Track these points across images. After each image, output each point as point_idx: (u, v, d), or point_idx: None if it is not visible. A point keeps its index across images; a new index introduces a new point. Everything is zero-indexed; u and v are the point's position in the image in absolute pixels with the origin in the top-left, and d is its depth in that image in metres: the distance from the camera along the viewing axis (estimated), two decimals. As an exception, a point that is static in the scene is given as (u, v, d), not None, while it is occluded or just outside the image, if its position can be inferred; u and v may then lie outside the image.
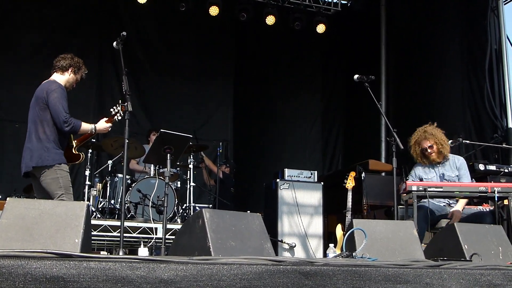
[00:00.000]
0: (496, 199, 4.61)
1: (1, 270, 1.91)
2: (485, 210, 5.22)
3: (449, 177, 5.12)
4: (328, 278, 2.32)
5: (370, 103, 5.14)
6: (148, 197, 5.93)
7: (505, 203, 4.78)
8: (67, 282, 1.96)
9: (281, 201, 6.64)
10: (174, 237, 4.40)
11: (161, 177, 6.06)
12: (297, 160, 9.33)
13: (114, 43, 4.48)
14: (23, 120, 5.29)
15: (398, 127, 5.02)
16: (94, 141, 6.24)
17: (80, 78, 4.67)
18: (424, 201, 4.82)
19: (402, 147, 4.90)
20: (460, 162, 5.21)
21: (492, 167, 5.85)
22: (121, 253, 4.05)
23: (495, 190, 4.59)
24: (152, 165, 6.38)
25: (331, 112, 10.44)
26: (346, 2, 9.96)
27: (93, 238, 5.50)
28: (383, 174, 7.44)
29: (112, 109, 4.62)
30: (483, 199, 5.19)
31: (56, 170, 4.25)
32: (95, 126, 4.53)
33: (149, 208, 5.86)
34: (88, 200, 6.09)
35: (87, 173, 6.18)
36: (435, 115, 7.92)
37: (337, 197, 6.22)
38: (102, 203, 6.28)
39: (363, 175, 6.58)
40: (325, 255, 5.03)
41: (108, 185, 6.38)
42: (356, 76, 5.09)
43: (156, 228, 5.61)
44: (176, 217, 6.19)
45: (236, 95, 9.57)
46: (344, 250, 3.37)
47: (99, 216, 6.03)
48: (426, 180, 5.05)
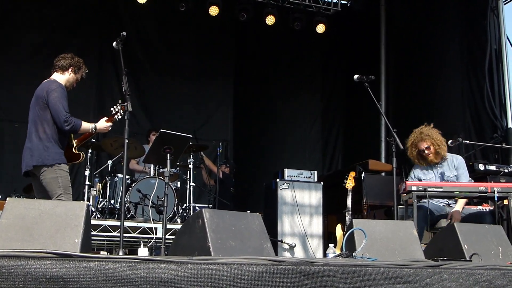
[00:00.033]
0: (496, 199, 4.61)
1: (1, 270, 1.91)
2: (484, 210, 5.21)
3: (448, 177, 5.11)
4: (328, 278, 2.32)
5: (370, 103, 5.14)
6: (148, 197, 5.93)
7: (505, 203, 4.78)
8: (67, 282, 1.96)
9: (281, 201, 6.64)
10: (174, 237, 4.39)
11: (161, 177, 6.06)
12: (297, 160, 9.32)
13: (114, 43, 4.48)
14: (23, 120, 5.30)
15: (398, 127, 5.01)
16: (94, 141, 6.24)
17: (81, 78, 4.67)
18: (424, 201, 4.82)
19: (402, 147, 4.90)
20: (458, 161, 5.19)
21: (492, 167, 5.84)
22: (121, 253, 4.05)
23: (495, 190, 4.59)
24: (152, 165, 6.38)
25: (331, 112, 10.44)
26: (346, 2, 9.96)
27: (93, 238, 5.50)
28: (383, 174, 7.44)
29: (112, 109, 4.63)
30: (483, 199, 5.18)
31: (56, 169, 4.25)
32: (95, 125, 4.54)
33: (149, 208, 5.86)
34: (88, 200, 6.09)
35: (87, 173, 6.18)
36: (435, 115, 7.95)
37: (337, 197, 6.22)
38: (102, 203, 6.28)
39: (363, 175, 6.58)
40: (325, 255, 5.02)
41: (108, 185, 6.38)
42: (356, 76, 5.09)
43: (156, 228, 5.61)
44: (176, 217, 6.19)
45: (236, 95, 9.57)
46: (344, 250, 3.37)
47: (99, 216, 6.03)
48: (425, 181, 5.04)
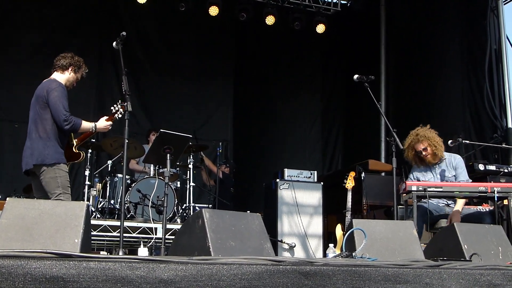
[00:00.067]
0: (496, 199, 4.61)
1: (1, 270, 1.91)
2: (482, 211, 5.21)
3: (447, 178, 5.09)
4: (328, 278, 2.32)
5: (370, 103, 5.14)
6: (147, 197, 5.92)
7: (504, 203, 4.78)
8: (67, 282, 1.96)
9: (280, 201, 6.64)
10: (174, 237, 4.39)
11: (160, 177, 6.06)
12: (297, 160, 9.32)
13: (114, 43, 4.47)
14: (22, 120, 5.30)
15: (398, 127, 5.01)
16: (93, 141, 6.24)
17: (81, 77, 4.67)
18: (424, 201, 4.82)
19: (402, 147, 4.90)
20: (456, 161, 5.17)
21: (492, 167, 5.84)
22: (120, 253, 4.05)
23: (494, 190, 4.59)
24: (151, 165, 6.38)
25: (331, 112, 10.44)
26: (345, 2, 9.96)
27: (93, 238, 5.50)
28: (382, 174, 7.44)
29: (112, 108, 4.63)
30: (482, 199, 5.18)
31: (55, 169, 4.26)
32: (95, 124, 4.54)
33: (149, 208, 5.85)
34: (88, 200, 6.09)
35: (86, 173, 6.18)
36: (435, 115, 7.96)
37: (336, 197, 6.22)
38: (102, 203, 6.28)
39: (362, 175, 6.58)
40: (324, 255, 5.02)
41: (108, 185, 6.38)
42: (355, 76, 5.08)
43: (155, 228, 5.61)
44: (175, 217, 6.19)
45: (236, 95, 9.57)
46: (344, 250, 3.37)
47: (98, 216, 6.03)
48: (424, 182, 5.03)
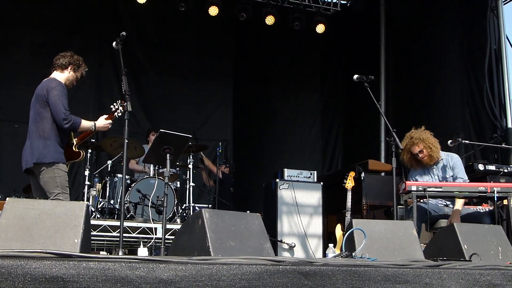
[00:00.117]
0: (496, 199, 4.61)
1: (0, 270, 1.91)
2: (481, 211, 5.21)
3: (444, 179, 5.09)
4: (328, 278, 2.32)
5: (370, 103, 5.14)
6: (147, 197, 5.92)
7: (504, 203, 4.78)
8: (67, 282, 1.96)
9: (280, 201, 6.64)
10: (173, 237, 4.39)
11: (160, 177, 6.06)
12: (297, 160, 9.32)
13: (114, 43, 4.48)
14: (22, 120, 5.30)
15: (398, 127, 5.01)
16: (93, 141, 6.25)
17: (80, 76, 4.67)
18: (424, 201, 4.83)
19: (401, 147, 4.90)
20: (453, 160, 5.15)
21: (492, 167, 5.83)
22: (120, 253, 4.05)
23: (494, 190, 4.59)
24: (151, 165, 6.38)
25: (330, 112, 10.44)
26: (345, 2, 9.96)
27: (92, 238, 5.50)
28: (382, 174, 7.43)
29: (112, 106, 4.62)
30: (482, 199, 5.18)
31: (54, 169, 4.26)
32: (95, 123, 4.53)
33: (149, 208, 5.85)
34: (88, 200, 6.09)
35: (86, 173, 6.18)
36: (434, 115, 7.97)
37: (336, 197, 6.22)
38: (102, 203, 6.28)
39: (362, 175, 6.57)
40: (324, 255, 5.02)
41: (108, 185, 6.38)
42: (355, 76, 5.08)
43: (155, 228, 5.61)
44: (175, 217, 6.19)
45: (236, 95, 9.57)
46: (344, 250, 3.37)
47: (98, 216, 6.02)
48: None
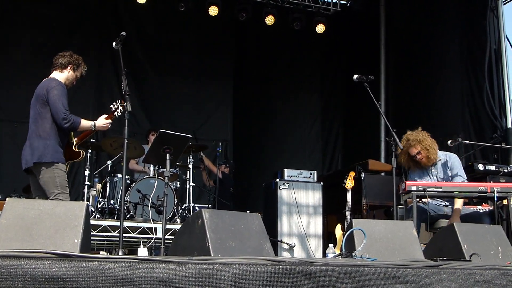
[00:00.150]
0: (496, 199, 4.61)
1: (0, 270, 1.91)
2: (480, 211, 5.21)
3: (443, 179, 5.09)
4: (328, 278, 2.32)
5: (370, 103, 5.13)
6: (147, 197, 5.92)
7: (504, 203, 4.78)
8: (66, 282, 1.96)
9: (280, 201, 6.64)
10: (173, 237, 4.39)
11: (160, 177, 6.06)
12: (297, 160, 9.33)
13: (114, 43, 4.48)
14: (22, 120, 5.30)
15: (398, 127, 5.00)
16: (93, 141, 6.25)
17: (80, 75, 4.67)
18: (424, 201, 4.83)
19: (401, 147, 4.90)
20: (451, 161, 5.13)
21: (492, 167, 5.82)
22: (120, 253, 4.05)
23: (494, 190, 4.59)
24: (151, 165, 6.38)
25: (330, 112, 10.45)
26: (345, 2, 9.96)
27: (92, 238, 5.50)
28: (382, 174, 7.43)
29: (112, 106, 4.63)
30: (482, 199, 5.18)
31: (54, 169, 4.26)
32: (94, 123, 4.53)
33: (149, 208, 5.85)
34: (88, 200, 6.09)
35: (86, 173, 6.18)
36: (434, 115, 7.97)
37: (336, 197, 6.22)
38: (102, 203, 6.28)
39: (362, 175, 6.57)
40: (324, 255, 5.02)
41: (108, 185, 6.38)
42: (355, 76, 5.07)
43: (155, 228, 5.61)
44: (175, 217, 6.19)
45: (236, 95, 9.57)
46: (344, 250, 3.37)
47: (98, 216, 6.03)
48: None
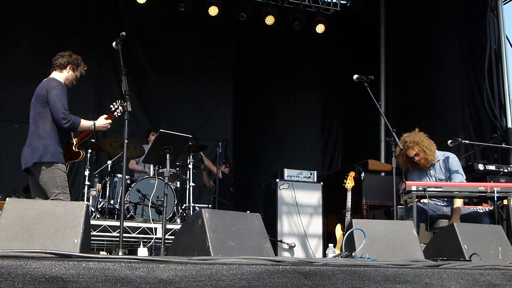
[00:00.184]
0: (496, 199, 4.61)
1: (0, 270, 1.91)
2: (480, 211, 5.21)
3: (442, 180, 5.08)
4: (328, 278, 2.32)
5: (370, 103, 5.13)
6: (147, 197, 5.92)
7: (504, 203, 4.78)
8: (66, 282, 1.96)
9: (280, 201, 6.64)
10: (173, 237, 4.39)
11: (160, 177, 6.06)
12: (297, 160, 9.32)
13: (114, 43, 4.48)
14: (22, 120, 5.30)
15: (398, 127, 5.01)
16: (93, 141, 6.25)
17: (80, 75, 4.67)
18: (423, 202, 4.82)
19: (401, 147, 4.90)
20: (450, 161, 5.12)
21: (492, 167, 5.83)
22: (120, 253, 4.05)
23: (494, 190, 4.59)
24: (151, 165, 6.38)
25: (330, 112, 10.45)
26: (345, 2, 9.96)
27: (92, 238, 5.50)
28: (382, 174, 7.43)
29: (111, 106, 4.62)
30: (482, 199, 5.18)
31: (53, 169, 4.26)
32: (94, 123, 4.53)
33: (149, 208, 5.85)
34: (88, 200, 6.09)
35: (86, 173, 6.18)
36: (434, 115, 7.97)
37: (336, 197, 6.22)
38: (102, 203, 6.28)
39: (362, 175, 6.57)
40: (324, 255, 5.02)
41: (108, 185, 6.38)
42: (355, 76, 5.07)
43: (155, 228, 5.61)
44: (175, 217, 6.19)
45: (236, 95, 9.57)
46: (344, 250, 3.37)
47: (98, 216, 6.03)
48: None
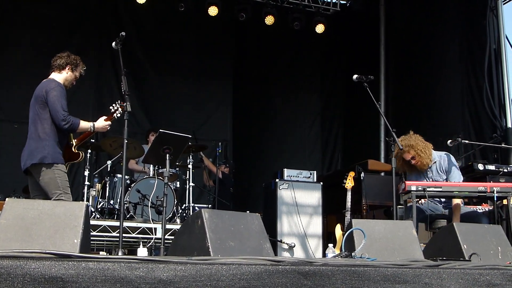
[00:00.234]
0: (495, 199, 4.61)
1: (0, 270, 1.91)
2: (478, 211, 5.21)
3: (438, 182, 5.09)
4: (327, 278, 2.32)
5: (370, 103, 5.13)
6: (147, 197, 5.92)
7: (504, 203, 4.78)
8: (66, 282, 1.96)
9: (280, 201, 6.63)
10: (173, 237, 4.39)
11: (160, 177, 6.05)
12: (297, 160, 9.32)
13: (113, 43, 4.48)
14: (22, 120, 5.29)
15: (397, 127, 5.01)
16: (93, 141, 6.24)
17: (79, 75, 4.67)
18: (422, 202, 4.83)
19: (401, 147, 4.90)
20: (446, 163, 5.11)
21: (491, 167, 5.83)
22: (120, 253, 4.05)
23: (494, 190, 4.59)
24: (151, 165, 6.38)
25: (330, 112, 10.44)
26: (345, 2, 9.95)
27: (92, 238, 5.50)
28: (382, 174, 7.43)
29: (111, 107, 4.62)
30: (482, 199, 5.18)
31: (54, 170, 4.25)
32: (93, 124, 4.53)
33: (148, 208, 5.85)
34: (87, 200, 6.09)
35: (86, 173, 6.17)
36: (434, 115, 7.97)
37: (336, 197, 6.22)
38: (101, 203, 6.27)
39: (362, 175, 6.56)
40: (324, 255, 5.02)
41: (107, 185, 6.37)
42: (355, 76, 5.07)
43: (155, 228, 5.60)
44: (175, 217, 6.19)
45: (236, 95, 9.57)
46: (343, 250, 3.37)
47: (98, 216, 6.02)
48: None
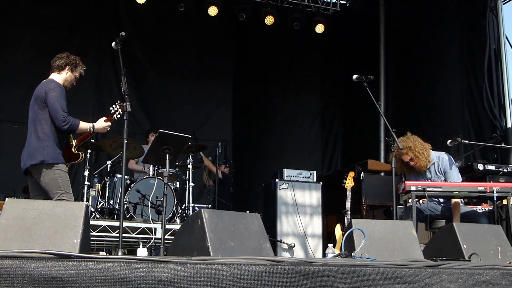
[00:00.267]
0: (495, 199, 4.61)
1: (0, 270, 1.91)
2: (477, 211, 5.21)
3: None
4: (327, 278, 2.32)
5: (370, 103, 5.13)
6: (147, 197, 5.92)
7: (504, 203, 4.78)
8: (66, 282, 1.96)
9: (280, 201, 6.64)
10: (173, 237, 4.39)
11: (160, 177, 6.05)
12: (296, 160, 9.32)
13: (113, 44, 4.47)
14: (21, 120, 5.29)
15: (397, 127, 5.01)
16: (93, 141, 6.24)
17: (79, 75, 4.67)
18: (421, 202, 4.83)
19: (401, 147, 4.90)
20: (444, 164, 5.11)
21: (491, 167, 5.82)
22: (120, 253, 4.05)
23: (494, 190, 4.59)
24: (151, 165, 6.38)
25: (330, 112, 10.44)
26: (345, 2, 9.95)
27: (92, 238, 5.50)
28: (382, 174, 7.43)
29: (111, 108, 4.62)
30: (482, 199, 5.18)
31: (54, 170, 4.25)
32: (93, 125, 4.53)
33: (148, 208, 5.85)
34: (87, 200, 6.09)
35: (86, 173, 6.18)
36: (434, 115, 7.97)
37: (336, 197, 6.22)
38: (101, 204, 6.28)
39: (362, 175, 6.56)
40: (324, 255, 5.02)
41: (107, 185, 6.38)
42: (355, 76, 5.07)
43: (155, 229, 5.61)
44: (175, 218, 6.19)
45: (236, 95, 9.57)
46: (343, 250, 3.37)
47: (98, 216, 6.03)
48: None
